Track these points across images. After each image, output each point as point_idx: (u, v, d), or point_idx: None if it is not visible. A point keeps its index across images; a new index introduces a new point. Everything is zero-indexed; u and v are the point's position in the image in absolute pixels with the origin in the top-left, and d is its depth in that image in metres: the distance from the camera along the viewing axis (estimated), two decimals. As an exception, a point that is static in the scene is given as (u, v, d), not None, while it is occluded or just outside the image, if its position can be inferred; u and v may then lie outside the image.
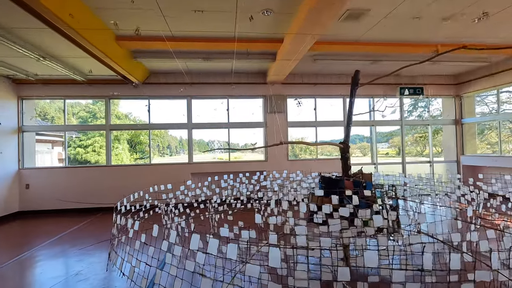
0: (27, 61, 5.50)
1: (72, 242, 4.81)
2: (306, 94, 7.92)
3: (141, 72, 6.84)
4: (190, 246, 1.94)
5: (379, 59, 6.41)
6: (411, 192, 4.28)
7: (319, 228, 2.55)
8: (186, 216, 4.63)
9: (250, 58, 6.08)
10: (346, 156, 3.80)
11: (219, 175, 5.65)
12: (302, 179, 5.58)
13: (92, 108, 20.94)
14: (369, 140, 9.24)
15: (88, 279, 3.32)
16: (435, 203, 4.23)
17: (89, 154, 17.99)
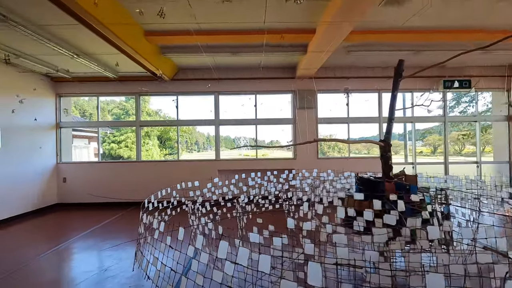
0: (62, 58, 5.67)
1: (103, 236, 4.90)
2: (338, 89, 7.48)
3: (170, 68, 6.83)
4: (218, 253, 1.76)
5: (423, 49, 5.83)
6: (464, 197, 3.79)
7: (361, 238, 2.26)
8: (214, 215, 4.51)
9: (279, 50, 5.81)
10: (387, 156, 3.43)
11: (246, 172, 5.48)
12: (334, 179, 5.24)
13: (125, 105, 21.85)
14: (402, 138, 8.59)
15: (116, 276, 3.30)
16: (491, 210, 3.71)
17: (122, 150, 18.77)
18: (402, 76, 3.54)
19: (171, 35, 5.00)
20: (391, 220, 2.26)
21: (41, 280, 3.28)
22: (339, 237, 2.14)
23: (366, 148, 14.42)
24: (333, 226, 2.58)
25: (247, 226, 4.03)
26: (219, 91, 7.51)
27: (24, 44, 4.97)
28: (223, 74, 7.35)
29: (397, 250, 2.20)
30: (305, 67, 6.46)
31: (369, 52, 6.04)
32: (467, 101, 11.70)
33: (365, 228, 2.56)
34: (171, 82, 7.37)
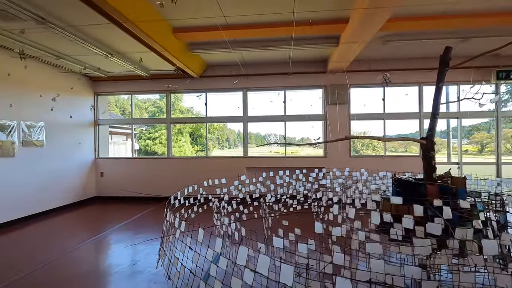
0: (98, 58, 5.92)
1: (135, 229, 5.05)
2: (373, 83, 6.99)
3: (198, 65, 6.86)
4: (237, 259, 1.63)
5: (472, 36, 5.21)
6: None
7: (399, 248, 2.00)
8: (240, 214, 4.43)
9: (309, 43, 5.54)
10: (430, 155, 3.06)
11: (275, 170, 5.31)
12: (368, 179, 4.89)
13: (159, 103, 22.74)
14: (444, 135, 7.84)
15: (142, 272, 3.33)
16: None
17: (157, 146, 19.57)
18: (449, 66, 3.13)
19: (199, 31, 4.97)
20: (436, 229, 1.97)
21: (76, 271, 3.43)
22: (373, 246, 1.90)
23: (403, 146, 13.50)
24: (366, 232, 2.33)
25: (273, 227, 3.88)
26: (247, 87, 7.41)
27: (62, 44, 5.24)
28: (251, 70, 7.23)
29: (443, 265, 1.91)
30: (337, 60, 6.11)
31: (409, 42, 5.53)
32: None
33: (403, 236, 2.28)
34: (200, 79, 7.41)
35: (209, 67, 7.37)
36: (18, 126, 5.56)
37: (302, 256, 1.99)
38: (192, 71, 6.64)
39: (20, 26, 4.27)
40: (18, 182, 5.54)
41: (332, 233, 2.20)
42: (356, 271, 1.72)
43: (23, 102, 5.67)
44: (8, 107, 5.35)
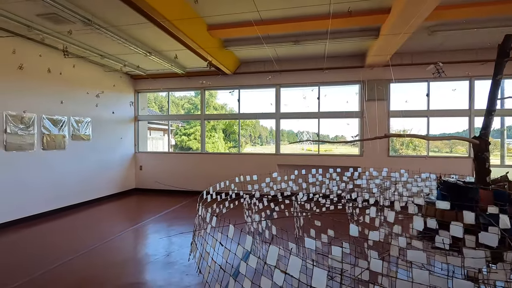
0: (138, 57, 6.22)
1: (170, 221, 5.25)
2: (417, 77, 6.50)
3: (232, 62, 6.91)
4: (267, 259, 1.58)
5: (537, 22, 4.60)
6: None
7: (447, 259, 1.81)
8: (271, 212, 4.39)
9: (346, 36, 5.29)
10: (484, 156, 2.75)
11: (307, 168, 5.19)
12: (408, 181, 4.56)
13: (194, 100, 23.47)
14: (498, 135, 7.07)
15: (175, 263, 3.44)
16: None
17: (191, 142, 20.26)
18: (509, 56, 2.78)
19: (232, 27, 4.98)
20: (491, 240, 1.75)
21: (114, 259, 3.64)
22: (415, 253, 1.74)
23: (448, 146, 12.47)
24: (407, 238, 2.15)
25: (305, 227, 3.78)
26: (280, 83, 7.31)
27: (106, 44, 5.57)
28: (285, 66, 7.11)
29: (499, 281, 1.69)
30: (377, 53, 5.76)
31: (458, 32, 5.03)
32: None
33: (450, 245, 2.07)
34: (233, 76, 7.47)
35: (242, 63, 7.39)
36: (68, 121, 6.06)
37: (335, 260, 1.89)
38: (226, 68, 6.70)
39: (68, 28, 4.60)
40: (69, 172, 6.04)
41: (368, 237, 2.06)
42: (396, 280, 1.59)
43: (72, 99, 6.16)
44: (59, 103, 5.84)
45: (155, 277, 3.14)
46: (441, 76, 3.99)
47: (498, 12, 4.28)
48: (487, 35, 5.11)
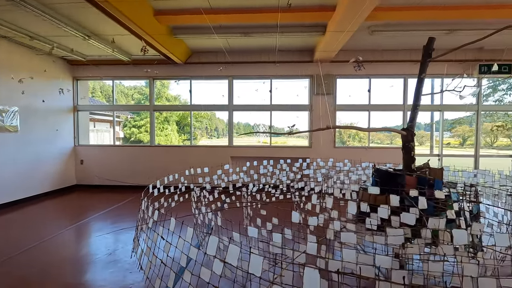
0: (75, 40, 5.63)
1: (115, 218, 4.93)
2: (360, 74, 6.97)
3: (183, 51, 6.64)
4: (207, 250, 1.58)
5: (457, 28, 5.23)
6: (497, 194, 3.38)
7: (373, 238, 2.00)
8: (221, 204, 4.38)
9: (295, 31, 5.43)
10: (410, 146, 3.07)
11: (259, 160, 5.29)
12: (351, 170, 4.93)
13: (144, 90, 22.18)
14: (428, 128, 7.99)
15: (118, 261, 3.25)
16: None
17: (142, 134, 19.18)
18: (431, 57, 3.12)
19: (181, 14, 4.77)
20: (410, 219, 1.98)
21: (51, 259, 3.31)
22: (347, 235, 1.89)
23: (389, 138, 13.75)
24: (342, 222, 2.33)
25: (252, 216, 3.86)
26: (232, 75, 7.26)
27: (36, 24, 4.93)
28: (237, 57, 7.07)
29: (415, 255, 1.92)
30: (324, 49, 6.03)
31: (395, 32, 5.51)
32: (505, 89, 10.69)
33: (379, 226, 2.29)
34: (185, 66, 7.20)
35: (194, 53, 7.15)
36: (-12, 110, 5.26)
37: (276, 246, 1.96)
38: (176, 57, 6.42)
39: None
40: (-10, 169, 5.29)
41: (308, 222, 2.18)
42: (328, 262, 1.70)
43: (-6, 84, 5.36)
44: (-24, 89, 5.04)
45: (95, 276, 2.94)
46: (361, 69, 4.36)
47: (426, 17, 4.77)
48: (420, 37, 5.66)
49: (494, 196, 3.34)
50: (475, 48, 6.55)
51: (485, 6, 4.55)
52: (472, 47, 6.33)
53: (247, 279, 1.51)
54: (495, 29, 2.90)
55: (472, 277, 1.39)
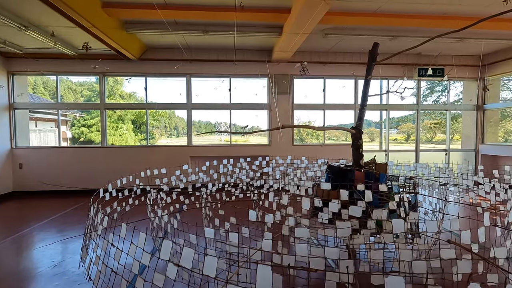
0: (8, 31, 5.02)
1: (60, 227, 4.54)
2: (315, 74, 7.29)
3: (136, 46, 6.31)
4: (161, 255, 1.54)
5: (399, 35, 5.73)
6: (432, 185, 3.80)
7: (324, 232, 2.12)
8: (180, 205, 4.28)
9: (253, 31, 5.49)
10: (358, 143, 3.31)
11: (219, 159, 5.25)
12: (308, 166, 5.14)
13: (95, 87, 20.60)
14: (378, 126, 8.66)
15: (65, 273, 3.01)
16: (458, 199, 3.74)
17: (93, 134, 17.82)
18: (376, 60, 3.38)
19: (133, 8, 4.53)
20: (357, 212, 2.13)
21: (-23, 279, 2.93)
22: (301, 230, 1.98)
23: (344, 135, 14.58)
24: (297, 218, 2.43)
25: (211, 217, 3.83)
26: (191, 73, 7.09)
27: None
28: (195, 55, 6.92)
29: (362, 244, 2.08)
30: (281, 49, 6.19)
31: (346, 36, 5.86)
32: (440, 90, 12.00)
33: (330, 220, 2.43)
34: (139, 62, 6.85)
35: (149, 49, 6.84)
36: None
37: (233, 245, 1.98)
38: (128, 52, 6.08)
39: None
40: None
41: (265, 220, 2.23)
42: (282, 258, 1.77)
43: None
44: None
45: (37, 293, 2.68)
46: (306, 73, 4.60)
47: (372, 22, 5.14)
48: (368, 41, 6.06)
49: (429, 186, 3.74)
50: (414, 54, 7.24)
51: (423, 16, 5.05)
52: (412, 52, 6.98)
53: (205, 280, 1.50)
54: (429, 37, 3.25)
55: (407, 261, 1.55)
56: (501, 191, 3.29)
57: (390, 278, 1.20)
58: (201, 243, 2.39)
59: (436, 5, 4.68)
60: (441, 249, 1.65)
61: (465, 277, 1.51)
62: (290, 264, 1.62)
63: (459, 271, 1.62)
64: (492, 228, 2.30)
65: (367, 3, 4.56)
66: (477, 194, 3.79)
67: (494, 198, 3.38)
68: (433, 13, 4.99)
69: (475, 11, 4.86)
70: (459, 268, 1.62)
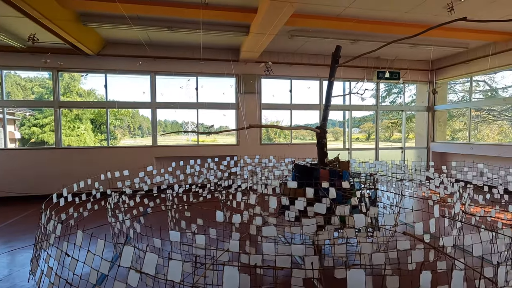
0: None
1: (7, 237, 4.11)
2: (282, 74, 7.41)
3: (95, 40, 5.92)
4: (121, 262, 1.45)
5: (361, 39, 6.03)
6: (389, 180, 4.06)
7: (291, 229, 2.16)
8: (144, 208, 4.09)
9: (220, 29, 5.43)
10: (323, 142, 3.42)
11: (186, 159, 5.12)
12: (275, 165, 5.21)
13: (48, 84, 18.99)
14: (342, 125, 9.07)
15: (13, 287, 2.73)
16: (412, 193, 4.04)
17: (47, 135, 16.41)
18: (338, 63, 3.52)
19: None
20: (321, 209, 2.20)
21: None
22: (268, 229, 2.00)
23: (311, 134, 15.02)
24: (264, 217, 2.45)
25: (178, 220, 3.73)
26: (155, 70, 6.82)
27: None
28: (160, 52, 6.68)
29: (326, 240, 2.16)
30: (248, 49, 6.20)
31: (311, 38, 6.03)
32: (396, 92, 12.88)
33: (297, 217, 2.48)
34: (99, 58, 6.44)
35: (109, 44, 6.46)
36: None
37: (199, 248, 1.94)
38: (85, 47, 5.68)
39: None
40: None
41: (232, 220, 2.22)
42: (250, 257, 1.77)
43: None
44: None
45: (-22, 313, 2.40)
46: (270, 73, 4.70)
47: (335, 26, 5.36)
48: (332, 44, 6.29)
49: (387, 182, 3.99)
50: (374, 57, 7.68)
51: (380, 23, 5.36)
52: (371, 56, 7.40)
53: (170, 285, 1.44)
54: (386, 42, 3.46)
55: (368, 254, 1.64)
56: (449, 185, 3.62)
57: (351, 272, 1.25)
58: (166, 247, 2.30)
59: (392, 12, 5.00)
60: (397, 240, 1.77)
61: (418, 266, 1.63)
62: (256, 264, 1.62)
63: (413, 261, 1.74)
64: (441, 219, 2.52)
65: (331, 7, 4.74)
66: (428, 188, 4.13)
67: (443, 191, 3.70)
68: (390, 19, 5.32)
69: (426, 19, 5.27)
70: (413, 257, 1.75)
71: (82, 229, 1.76)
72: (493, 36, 6.01)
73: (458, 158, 7.38)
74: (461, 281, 1.31)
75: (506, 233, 1.77)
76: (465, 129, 9.74)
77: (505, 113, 9.69)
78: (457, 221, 2.46)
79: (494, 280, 1.38)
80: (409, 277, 1.70)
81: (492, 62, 6.63)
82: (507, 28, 5.72)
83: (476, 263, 1.69)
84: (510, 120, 9.40)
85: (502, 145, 7.16)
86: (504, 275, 1.43)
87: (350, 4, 4.58)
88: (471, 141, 7.74)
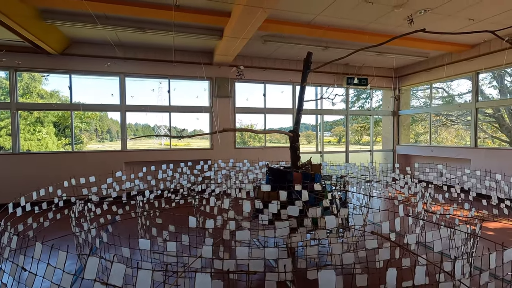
0: None
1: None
2: (256, 78, 7.48)
3: (57, 39, 5.58)
4: (85, 274, 1.37)
5: (331, 46, 6.25)
6: (359, 182, 4.23)
7: (265, 233, 2.17)
8: (113, 216, 3.90)
9: (193, 32, 5.37)
10: (296, 146, 3.49)
11: (158, 164, 4.97)
12: (249, 169, 5.22)
13: (5, 84, 17.59)
14: (314, 129, 9.31)
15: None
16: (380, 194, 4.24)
17: (2, 139, 15.12)
18: (310, 68, 3.62)
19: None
20: (294, 211, 2.24)
21: None
22: (242, 233, 1.99)
23: (285, 138, 15.22)
24: (238, 221, 2.43)
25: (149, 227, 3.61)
26: (125, 72, 6.57)
27: None
28: (130, 53, 6.45)
29: (299, 242, 2.19)
30: (222, 53, 6.18)
31: (284, 44, 6.15)
32: (364, 98, 13.49)
33: (270, 220, 2.50)
34: (62, 58, 6.07)
35: (74, 43, 6.12)
36: None
37: (170, 255, 1.88)
38: (47, 45, 5.34)
39: None
40: None
41: (205, 225, 2.18)
42: (223, 263, 1.75)
43: None
44: None
45: None
46: (242, 78, 4.76)
47: (307, 33, 5.52)
48: (304, 50, 6.46)
49: (357, 184, 4.15)
50: (343, 64, 8.00)
51: (349, 31, 5.60)
52: (341, 62, 7.70)
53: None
54: (354, 49, 3.62)
55: (338, 254, 1.68)
56: (412, 185, 3.84)
57: (323, 272, 1.28)
58: (136, 256, 2.21)
59: (359, 22, 5.25)
60: (366, 240, 1.84)
61: (385, 264, 1.71)
62: (229, 269, 1.60)
63: (381, 259, 1.82)
64: (406, 218, 2.66)
65: (303, 14, 4.87)
66: (394, 188, 4.36)
67: (407, 191, 3.93)
68: (357, 28, 5.58)
69: (389, 30, 5.59)
70: (380, 256, 1.83)
71: (41, 240, 1.64)
72: (449, 47, 6.52)
73: (421, 160, 7.88)
74: (423, 276, 1.39)
75: (462, 229, 1.91)
76: (426, 132, 10.43)
77: (461, 118, 10.52)
78: (420, 220, 2.62)
79: (452, 273, 1.48)
80: (377, 274, 1.77)
81: (449, 71, 7.20)
82: (461, 40, 6.25)
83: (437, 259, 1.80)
84: (465, 124, 10.22)
85: (458, 147, 7.76)
86: (460, 268, 1.54)
87: (320, 12, 4.75)
88: (432, 144, 8.30)
